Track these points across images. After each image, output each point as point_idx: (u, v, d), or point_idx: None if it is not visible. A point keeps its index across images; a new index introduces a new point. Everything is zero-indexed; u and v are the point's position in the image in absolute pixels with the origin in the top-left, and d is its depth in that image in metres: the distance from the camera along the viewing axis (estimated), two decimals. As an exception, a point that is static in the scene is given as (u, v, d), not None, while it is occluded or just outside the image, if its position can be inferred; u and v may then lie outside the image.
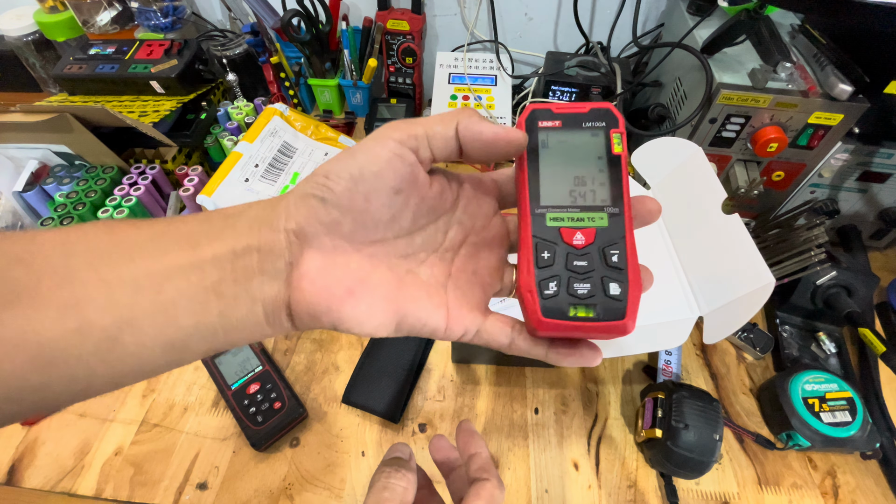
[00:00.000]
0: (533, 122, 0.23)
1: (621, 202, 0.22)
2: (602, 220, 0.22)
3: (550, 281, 0.21)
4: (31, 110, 0.63)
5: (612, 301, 0.21)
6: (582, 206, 0.22)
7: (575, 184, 0.22)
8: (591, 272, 0.21)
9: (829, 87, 0.52)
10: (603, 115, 0.23)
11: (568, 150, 0.23)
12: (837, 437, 0.46)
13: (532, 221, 0.22)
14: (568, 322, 0.21)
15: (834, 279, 0.53)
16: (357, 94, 0.86)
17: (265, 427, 0.48)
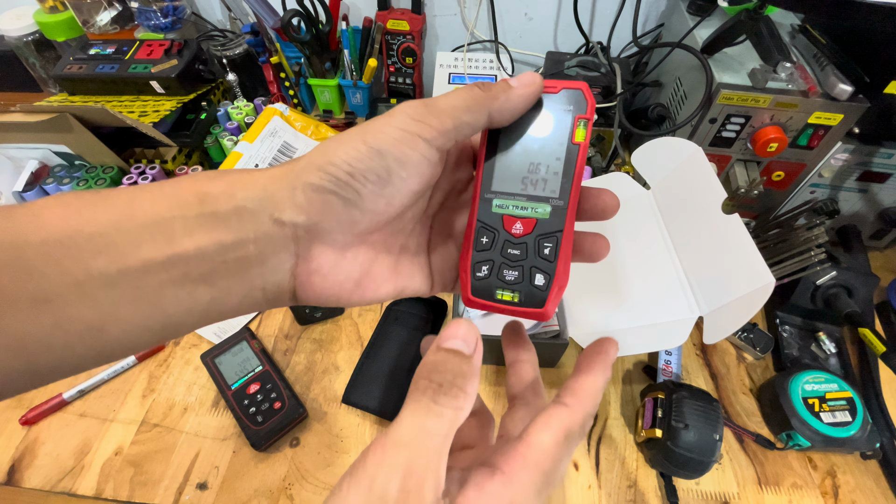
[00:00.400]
0: None
1: (568, 195, 0.22)
2: (545, 211, 0.22)
3: (484, 264, 0.23)
4: (31, 110, 0.63)
5: (535, 290, 0.22)
6: (529, 194, 0.23)
7: (529, 170, 0.23)
8: (522, 261, 0.22)
9: (829, 87, 0.52)
10: (573, 98, 0.22)
11: (529, 133, 0.23)
12: (837, 437, 0.46)
13: (479, 205, 0.23)
14: (492, 303, 0.22)
15: (834, 279, 0.53)
16: (357, 94, 0.86)
17: (265, 427, 0.48)
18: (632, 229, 0.51)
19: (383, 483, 0.16)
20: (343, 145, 0.19)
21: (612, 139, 0.73)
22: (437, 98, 0.20)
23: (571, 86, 0.22)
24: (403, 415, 0.19)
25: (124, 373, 0.55)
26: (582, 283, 0.50)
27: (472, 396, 0.19)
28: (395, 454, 0.17)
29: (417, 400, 0.19)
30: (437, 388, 0.19)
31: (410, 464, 0.17)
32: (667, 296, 0.46)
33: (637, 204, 0.52)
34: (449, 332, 0.20)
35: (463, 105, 0.20)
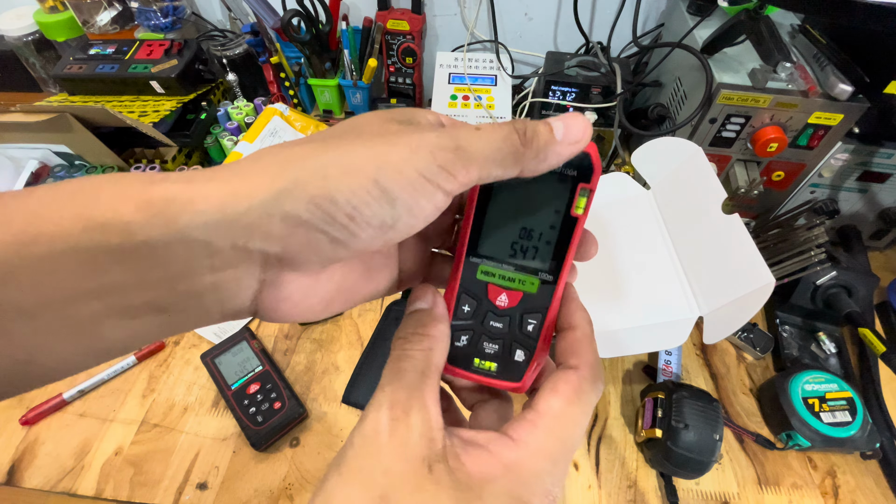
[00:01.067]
0: None
1: (559, 271, 0.21)
2: (532, 285, 0.21)
3: (463, 333, 0.22)
4: (31, 110, 0.63)
5: (513, 364, 0.21)
6: (518, 264, 0.21)
7: (520, 235, 0.21)
8: (504, 335, 0.21)
9: (829, 87, 0.52)
10: (579, 161, 0.19)
11: (526, 194, 0.20)
12: (837, 437, 0.46)
13: (463, 269, 0.21)
14: (468, 372, 0.22)
15: (834, 279, 0.53)
16: (357, 94, 0.86)
17: (265, 427, 0.48)
18: (632, 229, 0.51)
19: (374, 418, 0.18)
20: (349, 178, 0.16)
21: (612, 139, 0.73)
22: (469, 138, 0.17)
23: None
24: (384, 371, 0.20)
25: (124, 373, 0.55)
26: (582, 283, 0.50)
27: (440, 338, 0.20)
28: (379, 394, 0.19)
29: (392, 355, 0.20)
30: (402, 340, 0.20)
31: (393, 397, 0.18)
32: (667, 296, 0.46)
33: (637, 204, 0.52)
34: (410, 297, 0.22)
35: (497, 156, 0.17)
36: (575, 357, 0.20)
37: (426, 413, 0.18)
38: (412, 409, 0.18)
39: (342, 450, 0.18)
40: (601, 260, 0.51)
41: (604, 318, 0.47)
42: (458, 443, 0.19)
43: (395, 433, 0.18)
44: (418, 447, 0.17)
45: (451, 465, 0.18)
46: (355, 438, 0.18)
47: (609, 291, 0.49)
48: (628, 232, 0.51)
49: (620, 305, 0.47)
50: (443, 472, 0.17)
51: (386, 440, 0.17)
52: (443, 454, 0.18)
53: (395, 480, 0.17)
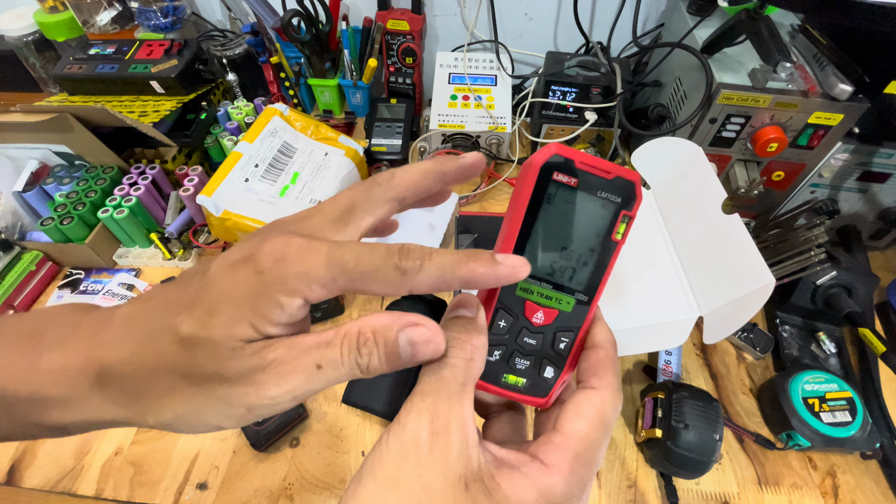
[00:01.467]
0: (549, 169, 0.20)
1: (594, 292, 0.22)
2: (568, 304, 0.22)
3: (496, 349, 0.22)
4: (31, 110, 0.63)
5: (542, 380, 0.22)
6: (556, 283, 0.21)
7: (561, 255, 0.21)
8: (536, 351, 0.22)
9: (829, 87, 0.52)
10: (624, 188, 0.20)
11: (570, 216, 0.21)
12: (837, 437, 0.46)
13: None
14: (495, 387, 0.22)
15: (834, 279, 0.53)
16: (357, 94, 0.86)
17: (265, 427, 0.48)
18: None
19: (413, 428, 0.18)
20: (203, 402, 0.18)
21: (612, 139, 0.73)
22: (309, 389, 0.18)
23: (626, 175, 0.21)
24: (422, 374, 0.20)
25: (124, 373, 0.55)
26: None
27: (480, 348, 0.20)
28: (420, 402, 0.19)
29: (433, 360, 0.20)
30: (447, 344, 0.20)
31: (434, 408, 0.19)
32: (667, 296, 0.46)
33: (637, 204, 0.52)
34: (452, 303, 0.22)
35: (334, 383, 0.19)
36: (597, 378, 0.21)
37: (465, 429, 0.19)
38: (452, 422, 0.19)
39: (377, 453, 0.18)
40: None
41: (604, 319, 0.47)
42: (491, 461, 0.19)
43: (436, 447, 0.18)
44: (457, 464, 0.18)
45: (488, 485, 0.18)
46: (393, 445, 0.18)
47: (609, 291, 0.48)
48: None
49: (620, 305, 0.47)
50: (479, 492, 0.18)
51: (426, 454, 0.18)
52: (479, 473, 0.18)
53: (434, 496, 0.17)
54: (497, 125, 0.75)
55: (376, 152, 0.77)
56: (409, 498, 0.17)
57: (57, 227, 0.61)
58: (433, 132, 0.76)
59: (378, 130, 0.80)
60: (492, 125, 0.75)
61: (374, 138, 0.78)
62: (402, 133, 0.79)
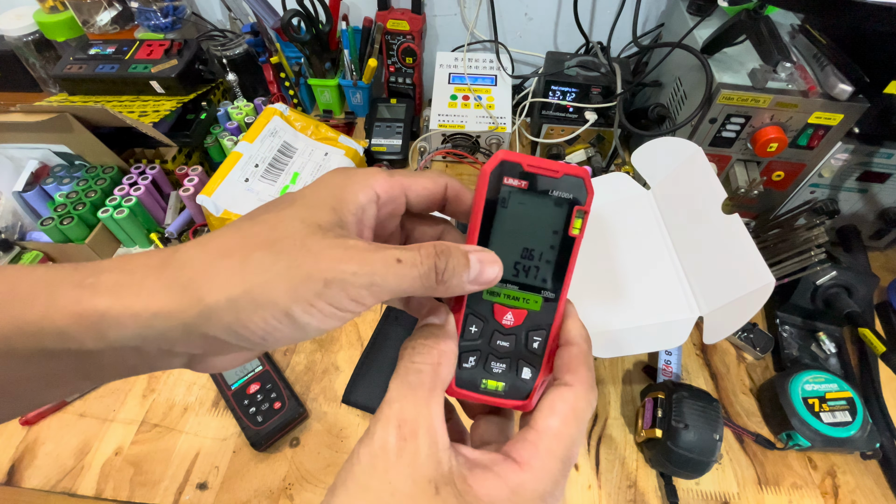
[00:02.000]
0: (499, 174, 0.21)
1: (560, 288, 0.22)
2: (536, 302, 0.22)
3: (471, 354, 0.22)
4: (31, 110, 0.63)
5: (520, 382, 0.22)
6: (521, 282, 0.22)
7: (522, 255, 0.22)
8: (511, 353, 0.22)
9: (829, 87, 0.52)
10: (573, 185, 0.21)
11: (526, 217, 0.22)
12: (837, 437, 0.46)
13: None
14: (476, 394, 0.22)
15: (834, 279, 0.53)
16: (357, 94, 0.86)
17: (265, 427, 0.48)
18: (632, 229, 0.51)
19: (381, 435, 0.18)
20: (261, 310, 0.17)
21: (612, 139, 0.73)
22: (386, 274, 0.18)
23: (573, 172, 0.21)
24: (391, 382, 0.20)
25: (124, 373, 0.55)
26: (582, 283, 0.50)
27: (448, 353, 0.21)
28: (388, 410, 0.19)
29: (400, 366, 0.20)
30: (412, 350, 0.21)
31: (401, 415, 0.19)
32: (667, 296, 0.46)
33: (637, 204, 0.52)
34: (423, 313, 0.22)
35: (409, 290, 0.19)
36: (570, 374, 0.21)
37: (433, 433, 0.19)
38: (419, 428, 0.19)
39: (349, 464, 0.19)
40: (601, 260, 0.51)
41: (604, 318, 0.47)
42: (463, 463, 0.19)
43: (404, 453, 0.18)
44: (425, 468, 0.18)
45: (459, 488, 0.18)
46: (362, 454, 0.18)
47: (609, 291, 0.49)
48: (628, 232, 0.51)
49: (620, 305, 0.47)
50: (450, 495, 0.18)
51: (394, 460, 0.18)
52: (450, 476, 0.18)
53: (403, 500, 0.17)
54: (497, 125, 0.75)
55: (376, 152, 0.77)
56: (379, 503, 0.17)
57: (57, 227, 0.61)
58: (433, 132, 0.76)
59: (378, 130, 0.80)
60: (492, 125, 0.75)
61: (374, 138, 0.78)
62: (402, 133, 0.79)
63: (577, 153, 0.76)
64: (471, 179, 0.78)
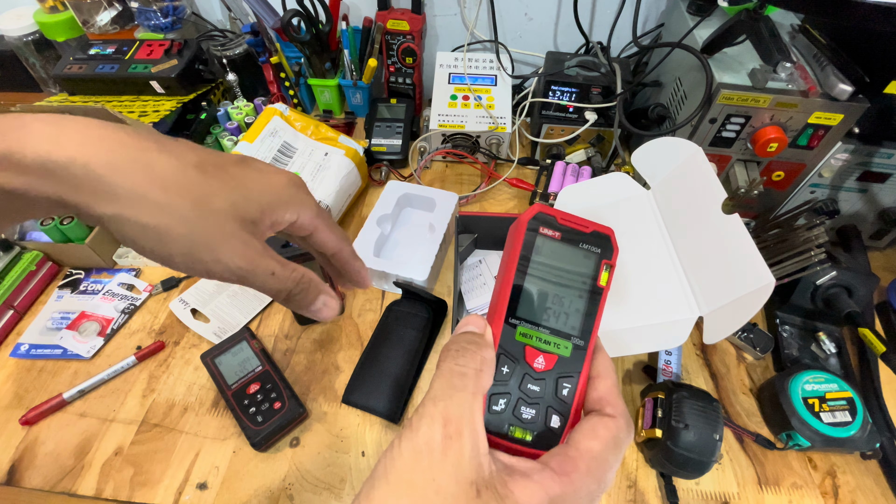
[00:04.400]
0: (535, 225, 0.23)
1: (589, 336, 0.23)
2: (566, 349, 0.23)
3: (501, 398, 0.22)
4: (31, 110, 0.63)
5: (549, 431, 0.22)
6: (552, 328, 0.23)
7: (553, 302, 0.23)
8: (540, 399, 0.22)
9: (829, 87, 0.52)
10: (601, 240, 0.23)
11: (558, 265, 0.23)
12: (837, 437, 0.46)
13: (503, 332, 0.23)
14: (503, 441, 0.22)
15: (834, 279, 0.53)
16: (357, 94, 0.86)
17: (265, 427, 0.48)
18: (632, 229, 0.51)
19: (427, 432, 0.19)
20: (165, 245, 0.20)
21: (612, 139, 0.73)
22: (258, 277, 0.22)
23: (601, 230, 0.23)
24: (434, 381, 0.21)
25: (124, 373, 0.55)
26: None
27: (489, 361, 0.22)
28: (432, 407, 0.19)
29: (443, 367, 0.21)
30: (455, 353, 0.21)
31: (447, 414, 0.19)
32: (667, 296, 0.46)
33: (637, 204, 0.52)
34: (461, 323, 0.23)
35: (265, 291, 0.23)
36: (611, 406, 0.22)
37: (476, 435, 0.19)
38: (464, 428, 0.19)
39: (389, 457, 0.19)
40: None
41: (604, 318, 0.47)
42: (502, 468, 0.19)
43: (449, 452, 0.18)
44: (469, 469, 0.18)
45: (500, 492, 0.18)
46: (406, 449, 0.19)
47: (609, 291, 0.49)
48: (628, 232, 0.51)
49: (620, 305, 0.47)
50: (491, 498, 0.18)
51: (439, 457, 0.18)
52: (490, 480, 0.19)
53: (446, 500, 0.18)
54: (497, 125, 0.75)
55: (376, 152, 0.77)
56: (423, 501, 0.17)
57: (57, 227, 0.61)
58: (433, 132, 0.76)
59: (378, 130, 0.80)
60: (492, 125, 0.75)
61: (374, 138, 0.78)
62: (402, 133, 0.79)
63: (577, 153, 0.76)
64: (471, 179, 0.78)
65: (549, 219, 0.23)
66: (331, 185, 0.66)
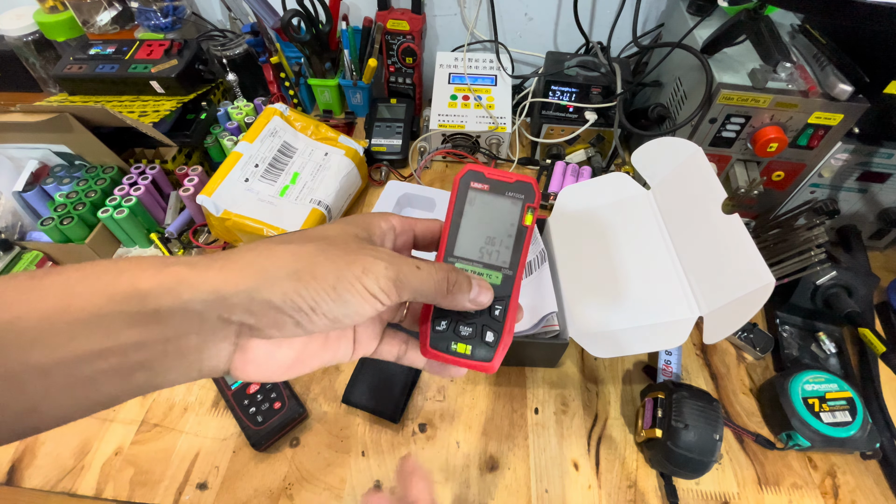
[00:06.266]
0: (467, 180, 0.28)
1: (517, 267, 0.27)
2: (497, 278, 0.27)
3: (443, 319, 0.26)
4: (31, 110, 0.63)
5: (485, 345, 0.26)
6: (486, 262, 0.27)
7: (486, 242, 0.27)
8: (476, 318, 0.26)
9: (829, 87, 0.52)
10: (525, 188, 0.27)
11: (488, 212, 0.27)
12: (837, 437, 0.46)
13: None
14: (447, 355, 0.26)
15: (834, 279, 0.53)
16: (357, 94, 0.86)
17: (265, 427, 0.48)
18: (632, 229, 0.51)
19: None
20: (315, 281, 0.21)
21: (612, 139, 0.73)
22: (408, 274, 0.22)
23: (524, 178, 0.28)
24: None
25: (124, 373, 0.55)
26: (582, 283, 0.50)
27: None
28: None
29: None
30: None
31: None
32: (667, 296, 0.46)
33: (637, 204, 0.52)
34: None
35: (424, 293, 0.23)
36: None
37: None
38: None
39: None
40: (601, 260, 0.51)
41: (604, 318, 0.47)
42: None
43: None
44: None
45: None
46: None
47: (609, 291, 0.49)
48: (628, 232, 0.51)
49: (620, 305, 0.47)
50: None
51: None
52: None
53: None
54: (497, 125, 0.75)
55: (376, 152, 0.77)
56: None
57: (57, 227, 0.61)
58: (433, 132, 0.76)
59: (378, 130, 0.80)
60: (492, 125, 0.75)
61: (374, 138, 0.78)
62: (402, 133, 0.79)
63: (577, 153, 0.76)
64: (471, 179, 0.78)
65: (478, 174, 0.28)
66: (331, 185, 0.66)
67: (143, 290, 0.18)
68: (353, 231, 0.24)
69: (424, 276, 0.23)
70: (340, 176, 0.67)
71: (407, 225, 0.27)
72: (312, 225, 0.62)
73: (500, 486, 0.47)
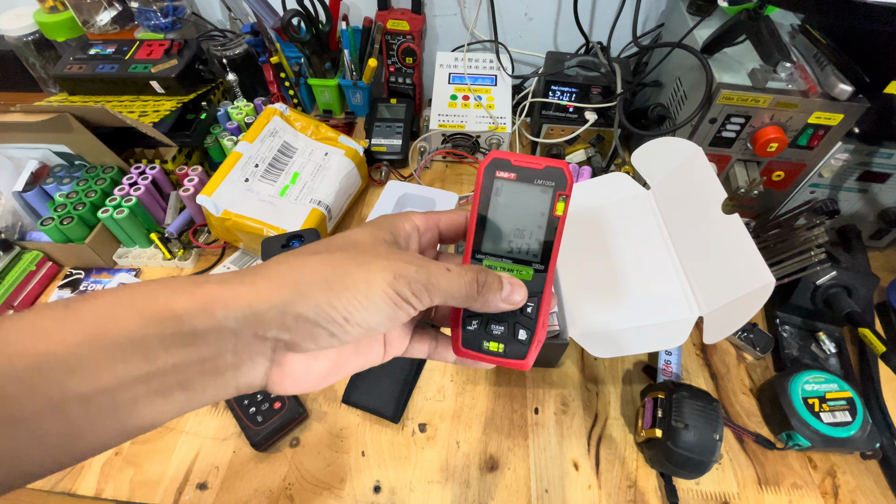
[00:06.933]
0: (492, 169, 0.25)
1: (548, 261, 0.25)
2: (528, 274, 0.25)
3: (474, 318, 0.26)
4: (31, 110, 0.63)
5: (518, 343, 0.25)
6: (515, 257, 0.26)
7: (514, 235, 0.25)
8: (508, 317, 0.25)
9: (829, 87, 0.52)
10: (555, 174, 0.25)
11: (516, 202, 0.25)
12: (837, 437, 0.46)
13: (471, 263, 0.26)
14: (479, 353, 0.25)
15: (834, 279, 0.53)
16: (357, 94, 0.86)
17: (265, 427, 0.48)
18: (632, 229, 0.51)
19: None
20: (348, 291, 0.20)
21: (612, 139, 0.73)
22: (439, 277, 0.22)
23: (554, 164, 0.25)
24: None
25: (124, 373, 0.55)
26: (582, 283, 0.50)
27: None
28: None
29: None
30: None
31: None
32: (667, 296, 0.46)
33: (637, 204, 0.52)
34: None
35: (456, 295, 0.23)
36: None
37: None
38: None
39: None
40: (601, 260, 0.51)
41: (604, 318, 0.47)
42: None
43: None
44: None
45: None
46: None
47: (609, 291, 0.49)
48: (628, 232, 0.51)
49: (620, 305, 0.47)
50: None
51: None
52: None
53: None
54: (497, 125, 0.75)
55: (376, 152, 0.77)
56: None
57: (57, 227, 0.61)
58: (433, 132, 0.76)
59: (378, 130, 0.80)
60: (492, 125, 0.75)
61: (374, 138, 0.78)
62: (402, 133, 0.79)
63: (577, 153, 0.76)
64: (471, 179, 0.78)
65: (504, 162, 0.25)
66: (331, 185, 0.66)
67: (178, 311, 0.18)
68: (380, 235, 0.24)
69: (454, 279, 0.22)
70: (340, 176, 0.67)
71: (431, 222, 0.26)
72: (312, 225, 0.62)
73: (500, 485, 0.47)
